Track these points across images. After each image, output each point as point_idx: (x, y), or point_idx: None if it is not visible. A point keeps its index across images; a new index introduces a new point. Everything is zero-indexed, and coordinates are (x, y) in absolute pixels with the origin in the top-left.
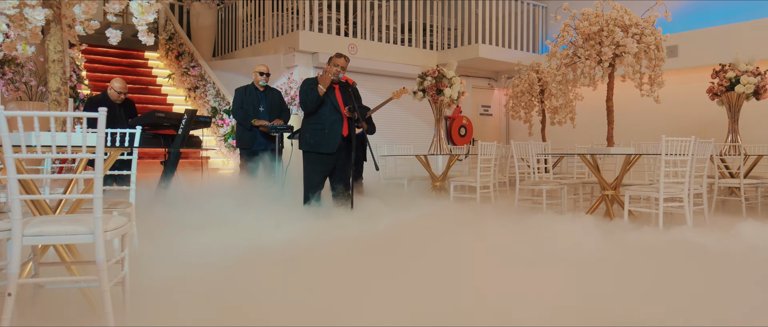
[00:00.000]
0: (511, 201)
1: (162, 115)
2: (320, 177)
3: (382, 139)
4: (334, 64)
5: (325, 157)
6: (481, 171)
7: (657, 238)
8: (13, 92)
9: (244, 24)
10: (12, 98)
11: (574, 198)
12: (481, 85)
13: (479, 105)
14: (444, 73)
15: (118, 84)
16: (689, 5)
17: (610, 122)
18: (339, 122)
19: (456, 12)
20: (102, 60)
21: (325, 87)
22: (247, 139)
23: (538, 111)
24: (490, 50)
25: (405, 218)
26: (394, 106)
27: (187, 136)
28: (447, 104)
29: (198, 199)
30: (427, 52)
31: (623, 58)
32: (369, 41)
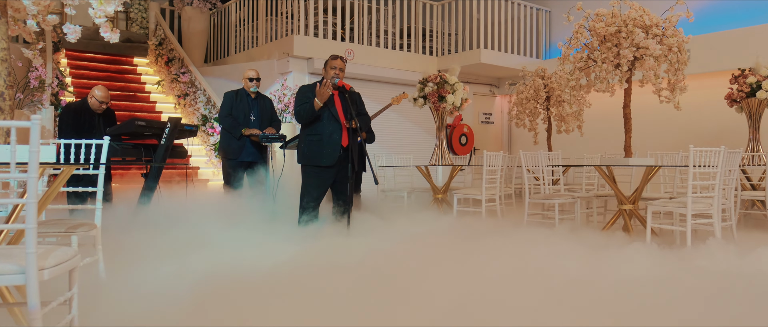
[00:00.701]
0: (519, 215)
1: (143, 124)
2: (318, 192)
3: (380, 148)
4: (331, 67)
5: (323, 171)
6: (486, 183)
7: (716, 266)
8: None
9: (237, 29)
10: None
11: (587, 212)
12: (483, 92)
13: (480, 113)
14: (446, 79)
15: (99, 92)
16: (703, 7)
17: (628, 131)
18: (338, 132)
19: (456, 16)
20: (88, 66)
21: (322, 102)
22: (235, 148)
23: (543, 119)
24: (492, 56)
25: (405, 238)
26: (393, 113)
27: (170, 147)
28: (449, 112)
29: (180, 217)
30: (426, 57)
31: (644, 61)
32: (367, 46)
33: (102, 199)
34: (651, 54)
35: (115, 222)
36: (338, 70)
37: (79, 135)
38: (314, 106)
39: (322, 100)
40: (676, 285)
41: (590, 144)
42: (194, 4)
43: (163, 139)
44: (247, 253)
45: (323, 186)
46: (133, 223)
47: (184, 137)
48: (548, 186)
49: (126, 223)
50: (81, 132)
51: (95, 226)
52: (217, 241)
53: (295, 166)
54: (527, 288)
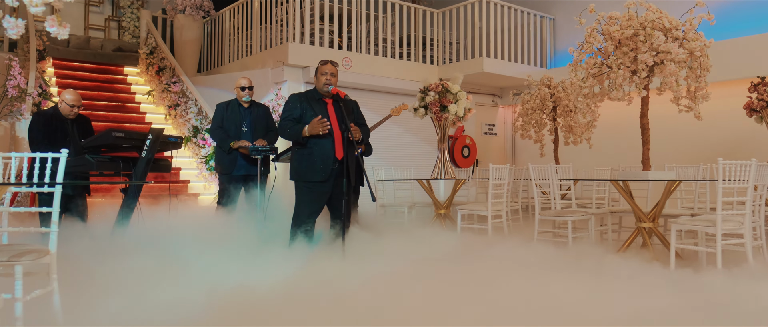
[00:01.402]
0: (527, 232)
1: (121, 135)
2: (311, 209)
3: (379, 161)
4: (322, 73)
5: (316, 187)
6: (492, 198)
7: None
8: None
9: (230, 37)
10: None
11: (601, 230)
12: (486, 103)
13: (483, 123)
14: (448, 88)
15: (70, 96)
16: (718, 10)
17: (646, 142)
18: (331, 144)
19: (458, 25)
20: (76, 75)
21: (310, 134)
22: (227, 163)
23: (549, 129)
24: (495, 64)
25: (406, 262)
26: (392, 124)
27: (151, 160)
28: (452, 122)
29: (157, 240)
30: (427, 66)
31: (664, 66)
32: (365, 55)
33: (79, 219)
34: (672, 59)
35: (83, 246)
36: (330, 76)
37: (51, 144)
38: (300, 134)
39: (311, 133)
40: (715, 320)
41: (599, 156)
42: (187, 12)
43: (144, 152)
44: (225, 281)
45: (317, 203)
46: (102, 248)
47: (167, 149)
48: (558, 201)
49: (95, 248)
50: (54, 141)
51: (48, 252)
52: (194, 268)
53: (289, 180)
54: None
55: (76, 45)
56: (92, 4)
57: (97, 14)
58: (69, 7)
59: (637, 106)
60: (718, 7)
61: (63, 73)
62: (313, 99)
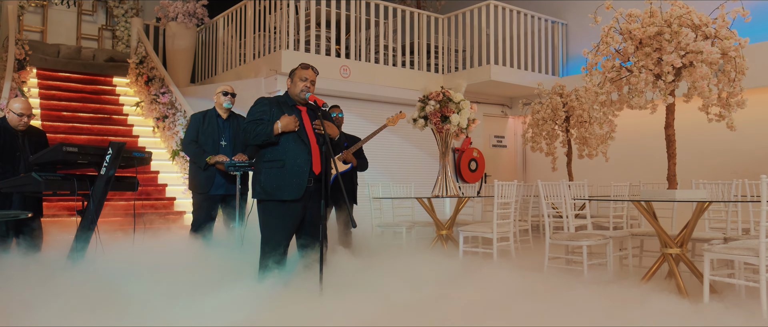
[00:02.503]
0: (537, 257)
1: (74, 150)
2: (282, 234)
3: (377, 176)
4: (300, 78)
5: (287, 207)
6: (498, 218)
7: None
8: None
9: (225, 45)
10: None
11: (621, 255)
12: (494, 113)
13: (491, 135)
14: (450, 96)
15: (18, 104)
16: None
17: (672, 156)
18: (305, 156)
19: (464, 31)
20: (60, 86)
21: (285, 129)
22: (203, 181)
23: (562, 141)
24: (503, 72)
25: (395, 299)
26: (392, 135)
27: (112, 177)
28: (454, 134)
29: (114, 269)
30: (431, 75)
31: (693, 69)
32: (364, 63)
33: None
34: (704, 59)
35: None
36: (309, 83)
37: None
38: (272, 131)
39: (284, 129)
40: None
41: (616, 170)
42: (179, 19)
43: (103, 169)
44: (176, 321)
45: (287, 227)
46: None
47: (132, 166)
48: (571, 220)
49: (37, 279)
50: (1, 155)
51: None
52: (145, 305)
53: (252, 198)
54: None
55: (67, 55)
56: (85, 13)
57: (90, 24)
58: (61, 16)
59: (659, 116)
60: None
61: (47, 84)
62: (286, 105)
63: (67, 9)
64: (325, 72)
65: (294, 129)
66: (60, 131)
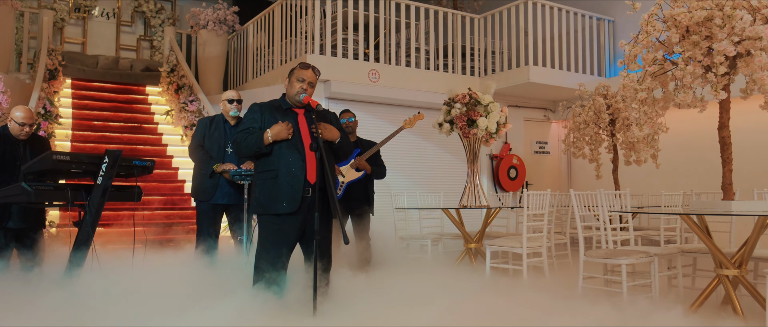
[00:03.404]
0: (574, 275)
1: (64, 159)
2: (278, 251)
3: (408, 183)
4: (298, 78)
5: (283, 221)
6: (528, 231)
7: None
8: None
9: (254, 52)
10: None
11: (669, 274)
12: (536, 118)
13: (533, 141)
14: (478, 99)
15: (19, 113)
16: None
17: (727, 162)
18: (299, 164)
19: (501, 31)
20: (93, 96)
21: (275, 139)
22: (208, 188)
23: (607, 147)
24: (543, 73)
25: (396, 322)
26: (424, 141)
27: (108, 187)
28: (483, 139)
29: (104, 287)
30: (466, 78)
31: (751, 58)
32: (394, 66)
33: (32, 256)
34: (764, 47)
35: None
36: (307, 85)
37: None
38: (262, 141)
39: (275, 137)
40: None
41: (669, 178)
42: (209, 27)
43: (100, 178)
44: None
45: (284, 242)
46: (33, 294)
47: (133, 176)
48: (609, 234)
49: (25, 296)
50: (3, 164)
51: None
52: None
53: (251, 214)
54: None
55: (105, 66)
56: (124, 24)
57: (129, 34)
58: (101, 27)
59: (711, 115)
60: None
61: (80, 93)
62: (280, 109)
63: (106, 21)
64: (353, 76)
65: (287, 137)
66: (90, 140)
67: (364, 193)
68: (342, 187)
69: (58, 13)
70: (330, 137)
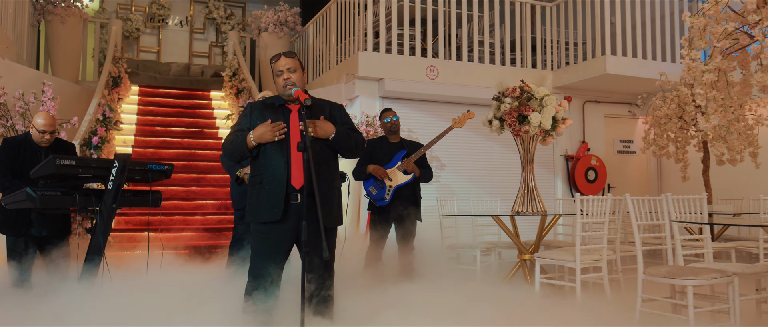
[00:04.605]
0: (632, 295)
1: (69, 163)
2: (267, 262)
3: (469, 186)
4: (277, 73)
5: (270, 229)
6: (584, 242)
7: None
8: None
9: (313, 53)
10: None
11: (758, 298)
12: (618, 113)
13: (616, 140)
14: (531, 92)
15: (40, 120)
16: None
17: None
18: (283, 166)
19: (575, 20)
20: (159, 102)
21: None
22: (237, 196)
23: (697, 144)
24: (621, 64)
25: None
26: (489, 141)
27: (118, 192)
28: (539, 137)
29: (103, 297)
30: (538, 72)
31: None
32: (455, 62)
33: (53, 263)
34: None
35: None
36: (288, 74)
37: (16, 175)
38: (246, 143)
39: (259, 139)
40: None
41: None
42: (270, 29)
43: (110, 183)
44: None
45: (271, 253)
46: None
47: (147, 180)
48: (678, 248)
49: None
50: (21, 172)
51: None
52: None
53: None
54: None
55: (176, 72)
56: (196, 31)
57: (201, 41)
58: (175, 36)
59: None
60: None
61: (146, 100)
62: (271, 107)
63: (179, 29)
64: (408, 74)
65: (272, 139)
66: (151, 145)
67: (411, 197)
68: (390, 192)
69: (133, 23)
70: (323, 134)
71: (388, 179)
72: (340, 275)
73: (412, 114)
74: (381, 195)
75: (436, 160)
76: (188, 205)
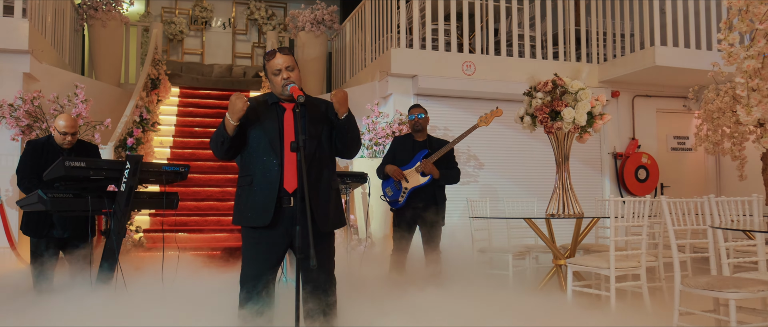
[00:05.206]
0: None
1: (79, 165)
2: (257, 270)
3: (509, 186)
4: (273, 72)
5: (261, 235)
6: (617, 248)
7: None
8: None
9: (350, 51)
10: None
11: None
12: (671, 108)
13: (669, 136)
14: (564, 85)
15: (62, 122)
16: None
17: None
18: (276, 169)
19: (622, 10)
20: (199, 103)
21: (235, 119)
22: None
23: (756, 141)
24: (672, 55)
25: None
26: (528, 137)
27: (131, 194)
28: (575, 134)
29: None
30: (582, 66)
31: None
32: (493, 57)
33: (75, 265)
34: None
35: None
36: (286, 72)
37: (39, 177)
38: (225, 127)
39: (234, 116)
40: None
41: None
42: (306, 28)
43: (123, 185)
44: None
45: (265, 259)
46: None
47: (161, 182)
48: (722, 257)
49: None
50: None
51: None
52: None
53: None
54: None
55: (219, 74)
56: (239, 32)
57: (243, 43)
58: (218, 38)
59: None
60: None
61: (187, 101)
62: (264, 104)
63: (222, 30)
64: (444, 70)
65: (242, 107)
66: (189, 146)
67: (431, 200)
68: (405, 194)
69: (177, 26)
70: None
71: (405, 180)
72: (362, 279)
73: (448, 112)
74: (396, 197)
75: (474, 160)
76: (223, 206)
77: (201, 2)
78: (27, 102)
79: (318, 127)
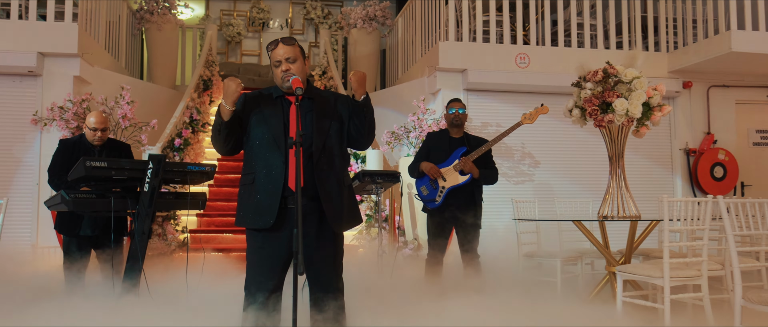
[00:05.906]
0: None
1: (100, 165)
2: (262, 274)
3: (567, 186)
4: (275, 63)
5: (264, 237)
6: (672, 256)
7: None
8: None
9: (402, 47)
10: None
11: None
12: (753, 99)
13: (751, 130)
14: (617, 74)
15: (92, 119)
16: None
17: None
18: (279, 167)
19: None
20: None
21: (230, 104)
22: None
23: None
24: (751, 39)
25: None
26: (588, 134)
27: (154, 195)
28: (630, 128)
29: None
30: (650, 55)
31: None
32: (549, 48)
33: (105, 265)
34: None
35: None
36: (287, 64)
37: None
38: (221, 114)
39: (228, 100)
40: None
41: None
42: (358, 25)
43: (146, 185)
44: None
45: (269, 263)
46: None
47: (186, 182)
48: None
49: None
50: None
51: None
52: None
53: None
54: None
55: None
56: (296, 32)
57: (301, 42)
58: (276, 37)
59: None
60: None
61: None
62: (269, 97)
63: (280, 31)
64: (495, 63)
65: (236, 88)
66: None
67: (470, 200)
68: (442, 194)
69: (235, 28)
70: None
71: (442, 179)
72: (393, 284)
73: (500, 107)
74: (432, 196)
75: (530, 157)
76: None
77: (258, 3)
78: (76, 104)
79: (327, 121)
